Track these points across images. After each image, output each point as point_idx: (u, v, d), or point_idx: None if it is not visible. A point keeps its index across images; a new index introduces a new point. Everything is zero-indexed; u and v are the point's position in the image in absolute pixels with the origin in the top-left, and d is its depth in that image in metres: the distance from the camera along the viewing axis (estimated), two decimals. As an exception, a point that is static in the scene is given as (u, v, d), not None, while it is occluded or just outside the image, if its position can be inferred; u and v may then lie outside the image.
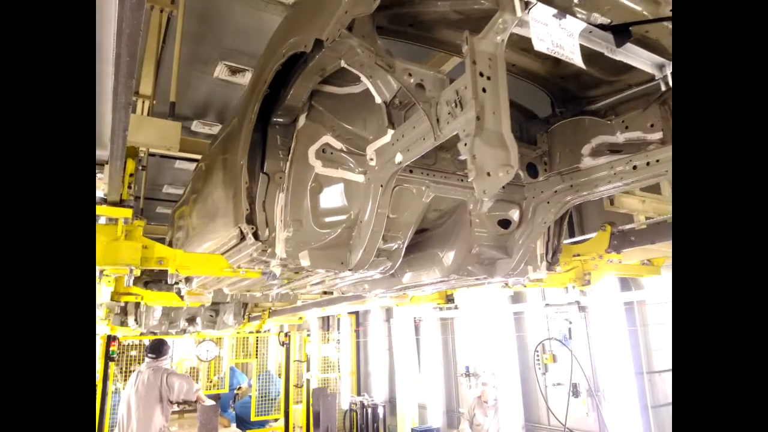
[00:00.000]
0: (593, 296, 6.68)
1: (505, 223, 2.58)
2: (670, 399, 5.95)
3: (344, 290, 4.08)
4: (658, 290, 5.88)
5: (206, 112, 5.91)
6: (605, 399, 6.45)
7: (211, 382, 9.95)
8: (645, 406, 5.97)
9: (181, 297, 4.59)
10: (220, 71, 4.99)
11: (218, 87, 5.30)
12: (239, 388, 10.62)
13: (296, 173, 2.20)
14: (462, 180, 2.38)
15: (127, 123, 1.70)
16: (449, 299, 5.43)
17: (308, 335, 9.54)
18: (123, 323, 7.00)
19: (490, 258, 2.69)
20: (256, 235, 2.24)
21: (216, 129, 5.67)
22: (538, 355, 7.40)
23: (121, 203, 2.53)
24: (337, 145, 2.19)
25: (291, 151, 2.24)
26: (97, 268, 2.71)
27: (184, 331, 7.72)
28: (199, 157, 3.75)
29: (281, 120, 2.27)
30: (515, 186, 2.56)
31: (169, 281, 4.23)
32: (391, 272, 2.51)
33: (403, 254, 2.45)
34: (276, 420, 8.98)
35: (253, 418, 8.51)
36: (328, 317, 11.74)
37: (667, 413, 5.94)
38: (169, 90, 3.78)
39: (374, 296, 4.74)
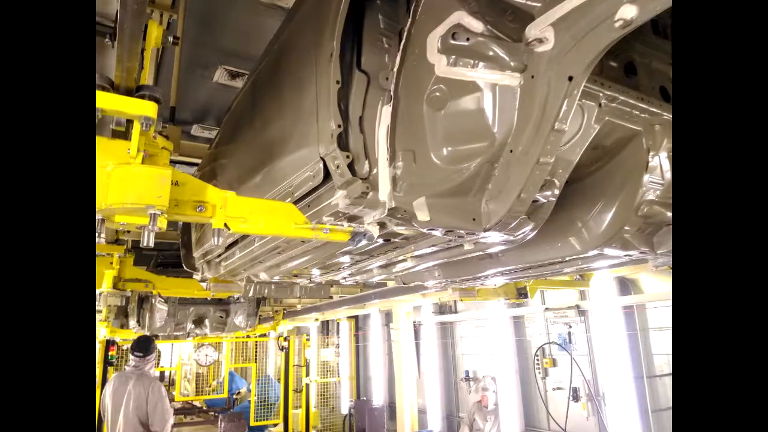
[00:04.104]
0: (593, 300, 6.67)
1: None
2: (670, 403, 5.93)
3: (408, 280, 2.97)
4: (658, 293, 5.88)
5: (206, 116, 5.92)
6: (605, 403, 6.43)
7: (210, 386, 9.92)
8: (645, 410, 5.95)
9: (208, 288, 3.47)
10: (220, 75, 5.00)
11: (218, 91, 5.31)
12: (238, 392, 10.60)
13: (408, 74, 1.42)
14: (642, 100, 1.58)
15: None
16: (521, 293, 4.35)
17: (308, 339, 9.52)
18: (123, 326, 6.28)
19: (658, 224, 1.90)
20: (352, 169, 1.48)
21: (215, 132, 5.48)
22: (538, 359, 7.39)
23: (137, 92, 1.44)
24: (477, 26, 1.33)
25: (403, 38, 1.46)
26: (98, 214, 1.49)
27: (188, 334, 6.95)
28: (198, 161, 3.66)
29: None
30: None
31: (215, 241, 3.01)
32: (526, 240, 1.67)
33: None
34: (275, 425, 8.95)
35: (252, 423, 8.48)
36: (327, 321, 11.72)
37: (668, 417, 5.92)
38: (168, 94, 3.78)
39: (437, 288, 3.57)
